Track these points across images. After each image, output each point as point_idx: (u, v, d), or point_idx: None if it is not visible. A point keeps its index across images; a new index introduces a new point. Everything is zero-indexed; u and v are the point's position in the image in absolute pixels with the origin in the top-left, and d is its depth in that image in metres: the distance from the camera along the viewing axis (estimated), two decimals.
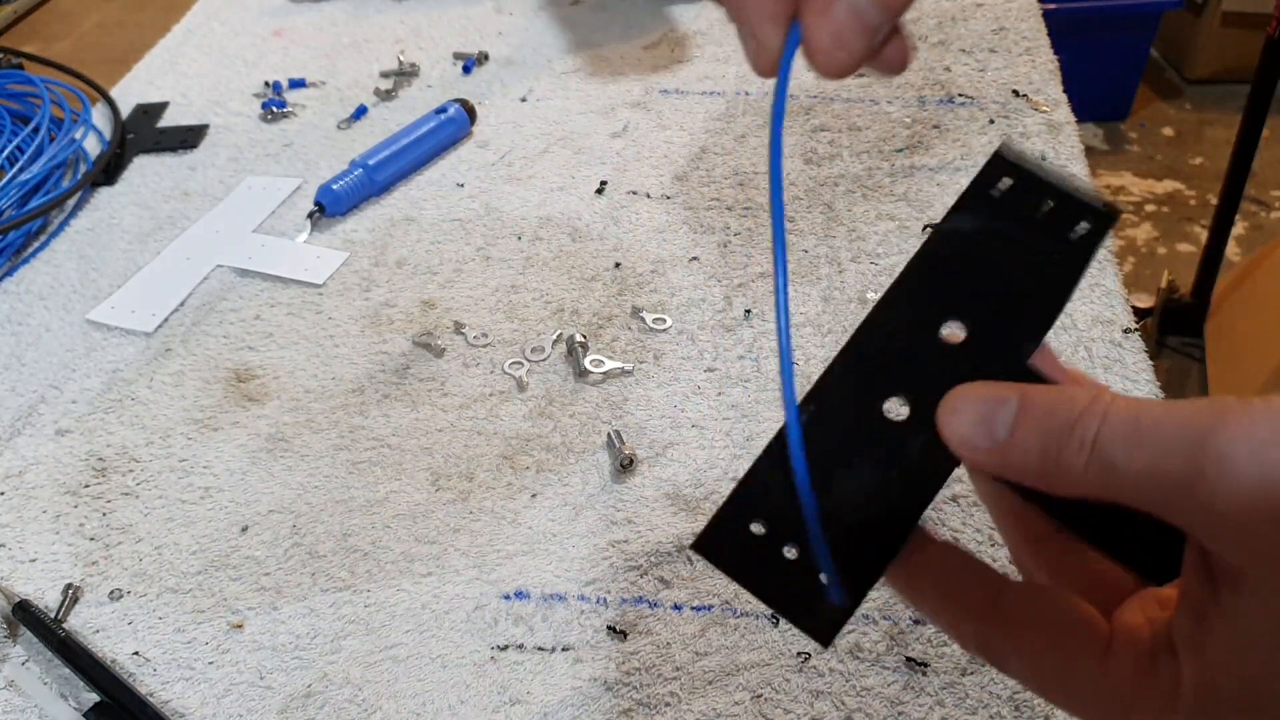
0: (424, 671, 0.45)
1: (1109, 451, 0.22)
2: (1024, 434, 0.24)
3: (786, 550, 0.26)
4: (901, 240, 0.65)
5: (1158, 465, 0.21)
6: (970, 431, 0.25)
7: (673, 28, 0.91)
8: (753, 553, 0.27)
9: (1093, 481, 0.22)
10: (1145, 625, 0.24)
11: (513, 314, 0.62)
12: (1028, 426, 0.24)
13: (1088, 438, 0.22)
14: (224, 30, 0.95)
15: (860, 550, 0.26)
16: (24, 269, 0.69)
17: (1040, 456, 0.23)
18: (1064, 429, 0.23)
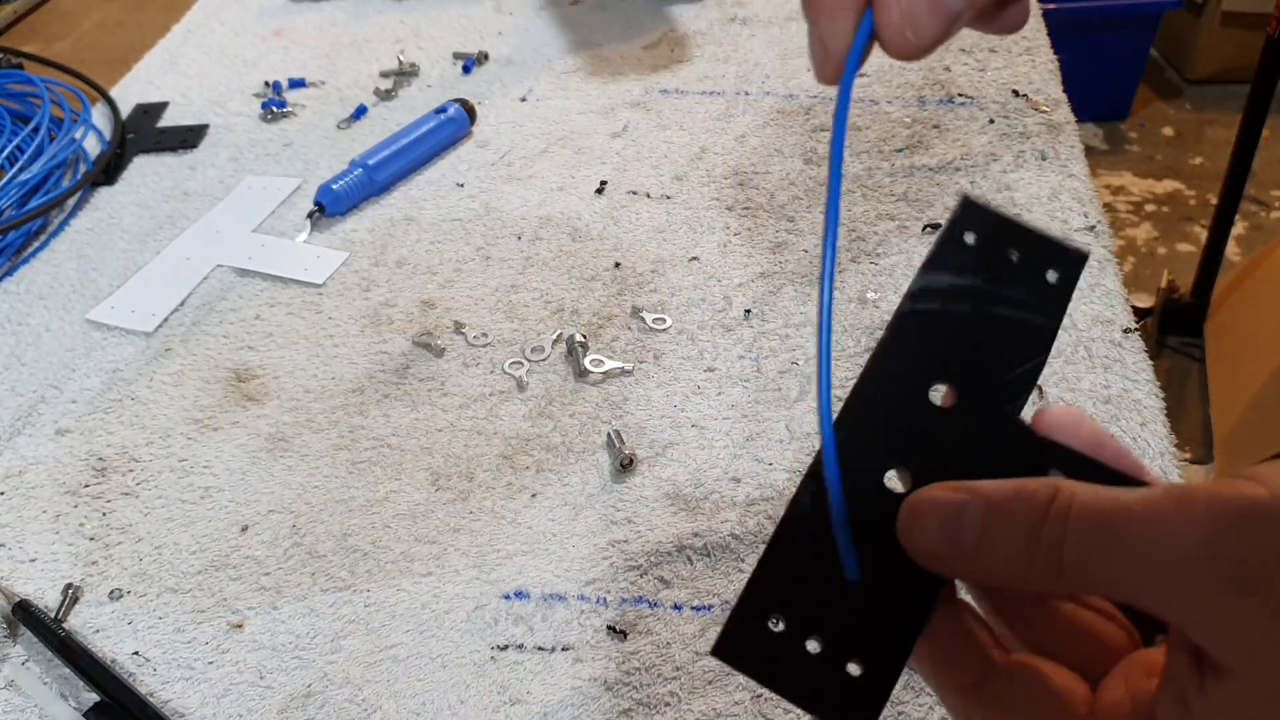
0: (424, 671, 0.45)
1: (1077, 562, 0.22)
2: (990, 543, 0.23)
3: (809, 644, 0.25)
4: (901, 240, 0.65)
5: (1131, 574, 0.21)
6: (935, 547, 0.24)
7: (673, 28, 0.91)
8: (775, 651, 0.26)
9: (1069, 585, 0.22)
10: (1127, 701, 0.24)
11: (513, 314, 0.62)
12: (993, 534, 0.23)
13: (1055, 545, 0.22)
14: (224, 30, 0.95)
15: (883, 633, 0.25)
16: (24, 269, 0.69)
17: (1011, 567, 0.23)
18: (1029, 536, 0.23)
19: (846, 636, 0.25)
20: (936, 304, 0.27)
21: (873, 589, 0.26)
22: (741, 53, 0.86)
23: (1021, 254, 0.27)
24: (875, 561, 0.26)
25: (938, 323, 0.27)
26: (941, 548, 0.24)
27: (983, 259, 0.27)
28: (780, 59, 0.85)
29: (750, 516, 0.50)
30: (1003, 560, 0.23)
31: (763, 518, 0.49)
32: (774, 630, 0.26)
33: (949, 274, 0.27)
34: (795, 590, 0.26)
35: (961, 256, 0.27)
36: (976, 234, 0.27)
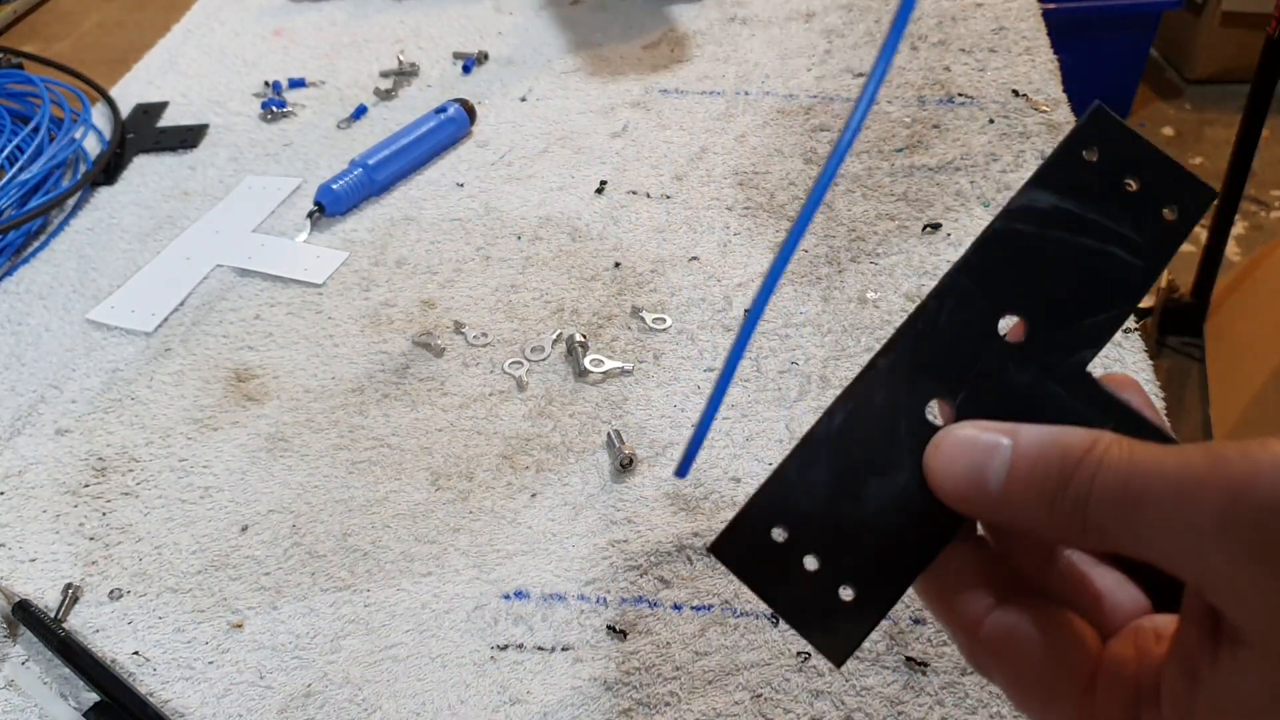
0: (424, 671, 0.45)
1: (1100, 519, 0.21)
2: (1017, 489, 0.23)
3: (807, 561, 0.25)
4: (901, 240, 0.65)
5: (1153, 531, 0.20)
6: (961, 485, 0.24)
7: (673, 28, 0.91)
8: (772, 560, 0.25)
9: (1092, 541, 0.22)
10: (1134, 662, 0.23)
11: (512, 314, 0.62)
12: (1020, 480, 0.23)
13: (1081, 499, 0.22)
14: (224, 30, 0.95)
15: (886, 563, 0.25)
16: (24, 269, 0.69)
17: (1033, 515, 0.23)
18: (1057, 488, 0.22)
19: (847, 561, 0.25)
20: (1033, 226, 0.26)
21: (887, 519, 0.25)
22: (741, 53, 0.86)
23: (1142, 182, 0.25)
24: (896, 491, 0.25)
25: (1028, 247, 0.26)
26: (966, 487, 0.24)
27: (1097, 182, 0.25)
28: (780, 59, 0.85)
29: None
30: (1026, 507, 0.23)
31: None
32: (775, 540, 0.25)
33: (1054, 194, 0.26)
34: (805, 505, 0.25)
35: (1074, 175, 0.25)
36: (1099, 151, 0.25)
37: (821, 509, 0.25)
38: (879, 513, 0.25)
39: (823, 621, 0.25)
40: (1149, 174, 0.25)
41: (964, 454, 0.24)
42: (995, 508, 0.23)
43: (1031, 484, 0.23)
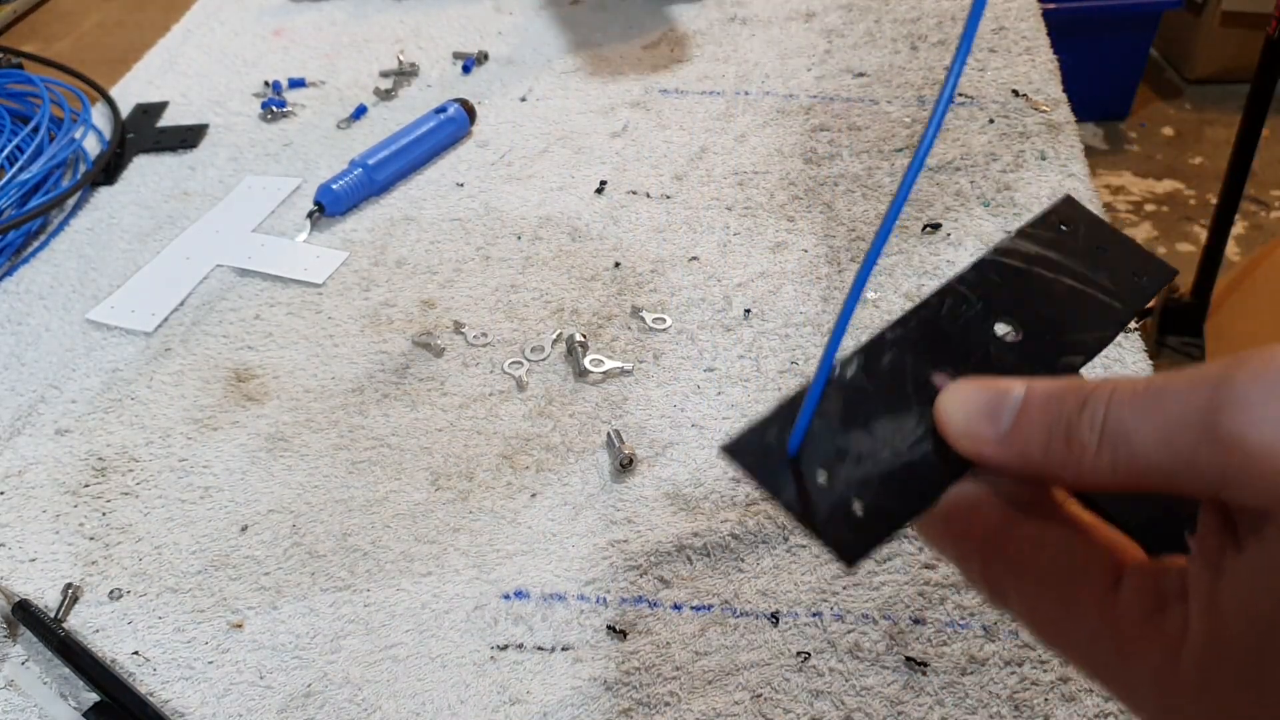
0: (424, 671, 0.45)
1: (1121, 422, 0.21)
2: (1029, 420, 0.22)
3: (819, 474, 0.25)
4: (901, 240, 0.65)
5: (1173, 421, 0.20)
6: (971, 424, 0.23)
7: (673, 28, 0.91)
8: (782, 466, 0.25)
9: (1105, 463, 0.21)
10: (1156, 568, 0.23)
11: (512, 314, 0.62)
12: (1033, 413, 0.22)
13: (1097, 416, 0.21)
14: (224, 30, 0.95)
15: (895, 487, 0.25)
16: (24, 268, 0.69)
17: (1047, 443, 0.22)
18: (1072, 411, 0.22)
19: (857, 478, 0.25)
20: (1020, 262, 0.28)
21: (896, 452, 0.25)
22: (741, 53, 0.86)
23: (1112, 252, 0.29)
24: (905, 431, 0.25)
25: (1018, 274, 0.28)
26: (975, 425, 0.23)
27: (1072, 243, 0.29)
28: (780, 59, 0.85)
29: (750, 516, 0.50)
30: (1036, 437, 0.22)
31: (762, 518, 0.49)
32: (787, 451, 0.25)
33: (1037, 245, 0.29)
34: (818, 426, 0.26)
35: (1052, 236, 0.29)
36: (1070, 227, 0.29)
37: (833, 433, 0.26)
38: (888, 445, 0.25)
39: (834, 524, 0.24)
40: (1117, 249, 0.29)
41: (976, 395, 0.24)
42: (1004, 443, 0.23)
43: (1045, 412, 0.22)
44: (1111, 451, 0.21)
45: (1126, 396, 0.21)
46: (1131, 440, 0.21)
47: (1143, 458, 0.21)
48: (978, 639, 0.44)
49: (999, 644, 0.44)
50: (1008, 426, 0.23)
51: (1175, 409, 0.20)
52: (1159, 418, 0.20)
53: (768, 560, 0.48)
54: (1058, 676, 0.43)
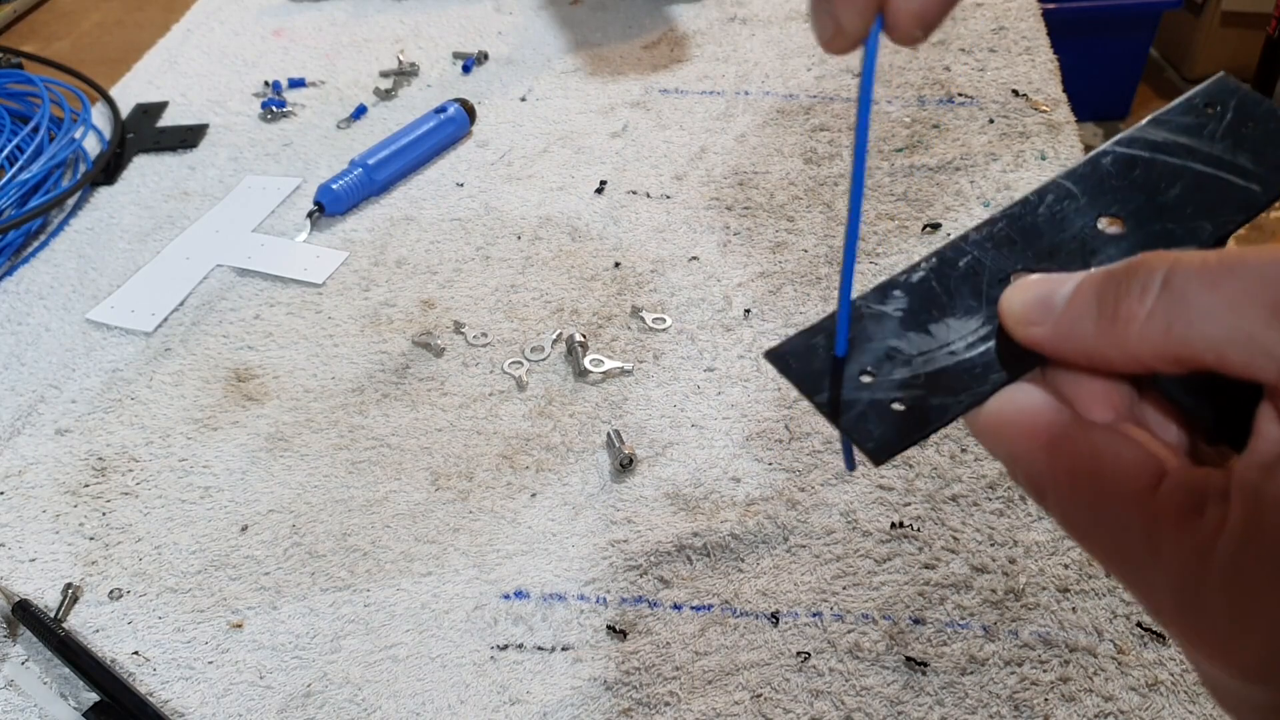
0: (424, 671, 0.45)
1: (1182, 292, 0.20)
2: (1081, 297, 0.22)
3: (863, 376, 0.25)
4: (901, 240, 0.65)
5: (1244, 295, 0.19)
6: (1028, 310, 0.23)
7: (673, 28, 0.91)
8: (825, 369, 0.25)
9: (1156, 333, 0.20)
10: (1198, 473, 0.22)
11: (512, 314, 0.62)
12: (1085, 290, 0.22)
13: (1151, 284, 0.20)
14: (224, 30, 0.95)
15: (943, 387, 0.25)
16: (24, 268, 0.69)
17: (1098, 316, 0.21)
18: (1122, 279, 0.21)
19: (902, 377, 0.25)
20: (1144, 151, 0.27)
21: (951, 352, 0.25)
22: (741, 53, 0.86)
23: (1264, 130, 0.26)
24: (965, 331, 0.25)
25: (1139, 163, 0.27)
26: (1032, 310, 0.23)
27: (1214, 126, 0.26)
28: (780, 59, 0.85)
29: (750, 516, 0.50)
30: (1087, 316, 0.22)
31: (763, 518, 0.49)
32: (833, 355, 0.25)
33: (1169, 131, 0.27)
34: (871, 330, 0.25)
35: (1191, 119, 0.27)
36: (1217, 110, 0.27)
37: (889, 335, 0.25)
38: (944, 345, 0.25)
39: (866, 421, 0.24)
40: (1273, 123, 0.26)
41: (1037, 284, 0.23)
42: (1057, 324, 0.22)
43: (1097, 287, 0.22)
44: (1165, 320, 0.20)
45: (1194, 267, 0.20)
46: (1191, 310, 0.20)
47: (1198, 330, 0.20)
48: (978, 639, 0.44)
49: (999, 644, 0.44)
50: (1061, 308, 0.22)
51: (1248, 283, 0.19)
52: (1230, 290, 0.19)
53: (768, 560, 0.48)
54: (1058, 677, 0.43)
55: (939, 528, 0.49)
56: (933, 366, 0.25)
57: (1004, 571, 0.47)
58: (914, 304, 0.26)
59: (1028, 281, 0.24)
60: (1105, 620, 0.45)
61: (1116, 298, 0.21)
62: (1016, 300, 0.24)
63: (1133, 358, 0.21)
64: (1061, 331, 0.22)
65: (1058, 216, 0.26)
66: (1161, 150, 0.26)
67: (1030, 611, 0.45)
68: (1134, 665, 0.43)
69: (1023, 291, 0.24)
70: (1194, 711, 0.41)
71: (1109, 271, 0.22)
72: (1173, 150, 0.26)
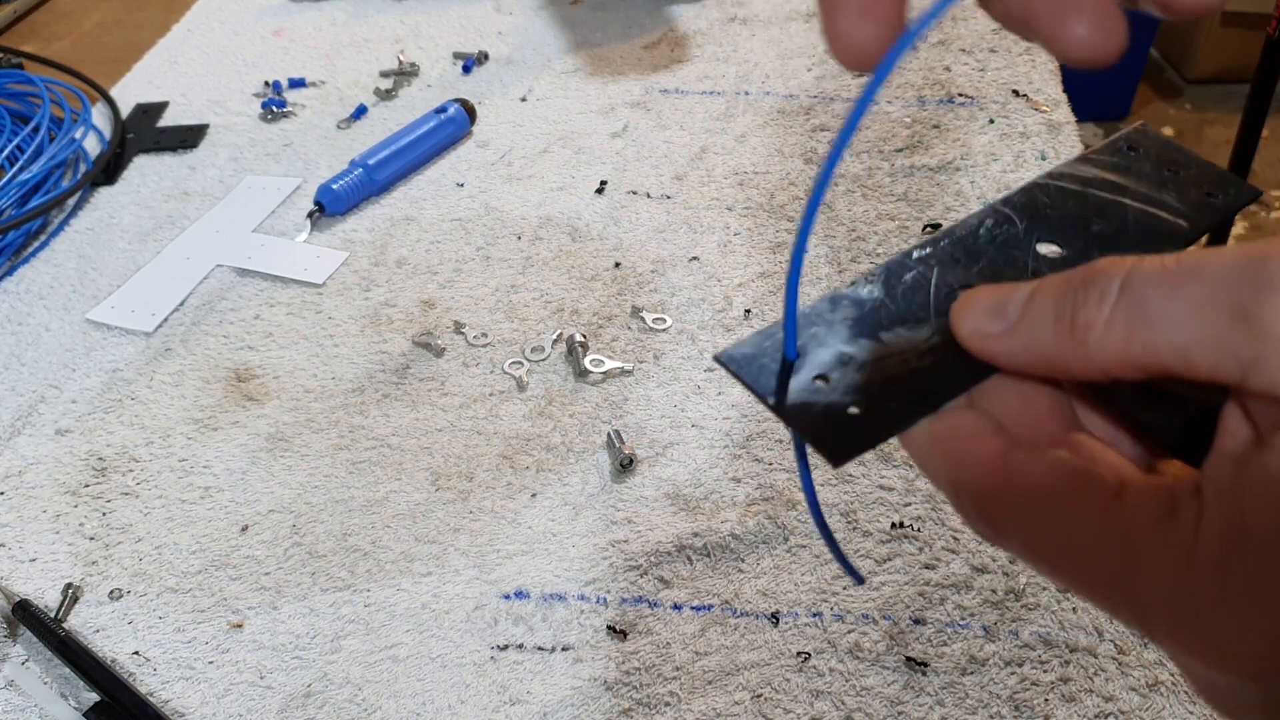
0: (424, 671, 0.45)
1: (1143, 297, 0.20)
2: (1036, 305, 0.21)
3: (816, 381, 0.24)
4: (901, 240, 0.65)
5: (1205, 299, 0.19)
6: (980, 320, 0.23)
7: (673, 28, 0.91)
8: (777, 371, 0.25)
9: (1116, 341, 0.20)
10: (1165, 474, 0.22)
11: (513, 314, 0.62)
12: (1041, 296, 0.21)
13: (1110, 290, 0.20)
14: (224, 30, 0.95)
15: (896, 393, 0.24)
16: (24, 268, 0.69)
17: (1054, 326, 0.21)
18: (1080, 284, 0.20)
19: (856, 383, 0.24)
20: (1077, 185, 0.27)
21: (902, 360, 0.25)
22: (741, 53, 0.86)
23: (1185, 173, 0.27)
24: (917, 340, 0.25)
25: (1072, 195, 0.27)
26: (984, 321, 0.22)
27: (1140, 168, 0.27)
28: (780, 59, 0.85)
29: (750, 516, 0.50)
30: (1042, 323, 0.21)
31: (763, 518, 0.49)
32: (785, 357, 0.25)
33: (1098, 169, 0.28)
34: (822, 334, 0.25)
35: (1118, 159, 0.28)
36: (1139, 151, 0.28)
37: (838, 341, 0.25)
38: (896, 353, 0.25)
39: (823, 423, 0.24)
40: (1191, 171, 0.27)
41: (989, 294, 0.23)
42: (1011, 333, 0.22)
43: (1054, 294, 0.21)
44: (1125, 327, 0.20)
45: (1153, 271, 0.20)
46: (1149, 315, 0.20)
47: (1161, 335, 0.19)
48: (978, 639, 0.44)
49: (999, 644, 0.44)
50: (1015, 317, 0.22)
51: (1209, 286, 0.19)
52: (1191, 293, 0.19)
53: (768, 560, 0.48)
54: (1058, 677, 0.43)
55: (939, 528, 0.49)
56: (886, 373, 0.25)
57: (1004, 572, 0.47)
58: (864, 313, 0.26)
59: (979, 291, 0.23)
60: (1105, 620, 0.45)
61: (1075, 305, 0.21)
62: (968, 311, 0.23)
63: (1094, 365, 0.21)
64: (1018, 342, 0.22)
65: (999, 240, 0.27)
66: (1093, 185, 0.27)
67: (1030, 612, 0.45)
68: (1134, 665, 0.43)
69: (974, 302, 0.23)
70: (1194, 711, 0.41)
71: (1065, 278, 0.21)
72: (1103, 185, 0.27)
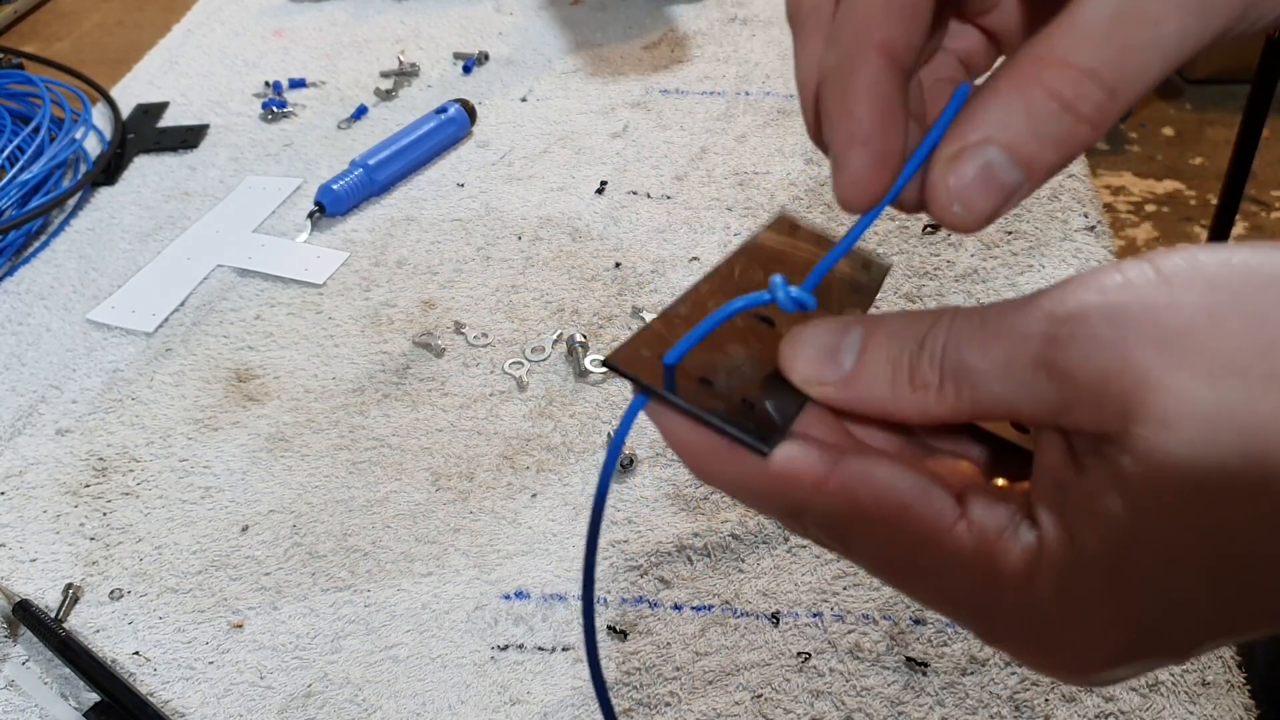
0: (424, 671, 0.45)
1: (961, 358, 0.21)
2: (871, 358, 0.22)
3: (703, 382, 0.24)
4: (902, 241, 0.65)
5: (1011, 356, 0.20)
6: (814, 368, 0.23)
7: (673, 28, 0.91)
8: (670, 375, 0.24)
9: (949, 400, 0.21)
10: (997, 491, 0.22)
11: (513, 314, 0.62)
12: (874, 350, 0.22)
13: (936, 353, 0.21)
14: (224, 30, 0.95)
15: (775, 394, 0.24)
16: (24, 269, 0.69)
17: (892, 382, 0.22)
18: (913, 345, 0.22)
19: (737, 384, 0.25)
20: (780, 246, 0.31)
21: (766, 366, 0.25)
22: (742, 53, 0.86)
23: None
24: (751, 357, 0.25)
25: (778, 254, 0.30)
26: (818, 370, 0.23)
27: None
28: (780, 59, 0.85)
29: (750, 516, 0.50)
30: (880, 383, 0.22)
31: (763, 518, 0.49)
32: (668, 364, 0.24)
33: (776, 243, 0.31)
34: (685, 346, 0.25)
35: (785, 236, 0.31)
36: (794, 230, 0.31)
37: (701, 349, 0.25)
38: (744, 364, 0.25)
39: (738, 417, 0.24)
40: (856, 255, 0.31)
41: (814, 336, 0.23)
42: (847, 386, 0.23)
43: (886, 351, 0.22)
44: (954, 387, 0.21)
45: (964, 331, 0.21)
46: (972, 375, 0.21)
47: (984, 391, 0.21)
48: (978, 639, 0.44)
49: None
50: (849, 369, 0.23)
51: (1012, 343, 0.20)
52: (998, 352, 0.21)
53: (768, 560, 0.48)
54: None
55: None
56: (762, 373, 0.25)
57: None
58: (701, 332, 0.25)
59: (803, 333, 0.24)
60: None
61: (911, 367, 0.22)
62: (799, 357, 0.23)
63: (930, 418, 0.22)
64: (854, 393, 0.23)
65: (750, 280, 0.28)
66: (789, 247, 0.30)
67: None
68: None
69: (802, 345, 0.23)
70: (1194, 711, 0.41)
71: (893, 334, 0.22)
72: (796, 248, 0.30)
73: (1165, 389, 0.18)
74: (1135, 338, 0.19)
